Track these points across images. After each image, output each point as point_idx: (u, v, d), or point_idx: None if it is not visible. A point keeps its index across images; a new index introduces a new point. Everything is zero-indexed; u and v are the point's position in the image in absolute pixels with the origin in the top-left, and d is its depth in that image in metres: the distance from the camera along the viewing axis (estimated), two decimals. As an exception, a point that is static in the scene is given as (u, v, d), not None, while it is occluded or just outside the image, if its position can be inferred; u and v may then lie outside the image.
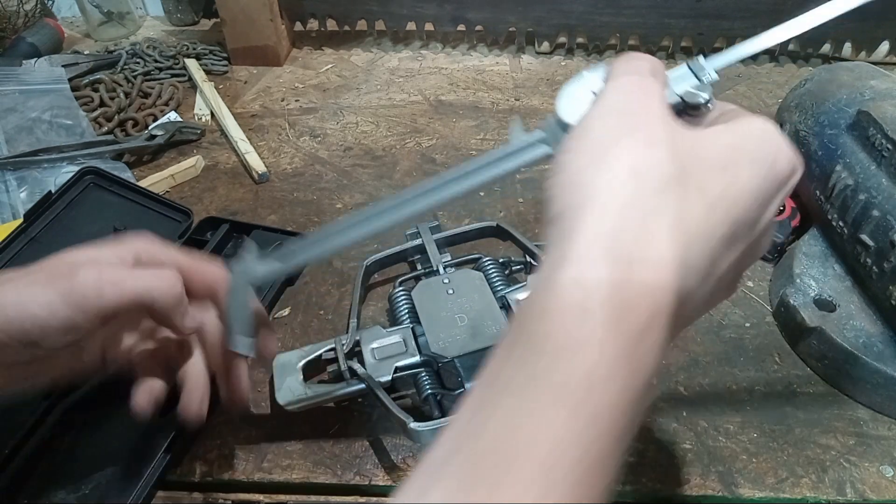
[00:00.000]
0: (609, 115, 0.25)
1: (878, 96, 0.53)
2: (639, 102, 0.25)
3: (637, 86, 0.25)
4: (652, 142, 0.23)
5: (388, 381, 0.42)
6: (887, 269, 0.45)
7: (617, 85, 0.26)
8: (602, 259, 0.21)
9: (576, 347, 0.20)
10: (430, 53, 0.94)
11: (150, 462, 0.40)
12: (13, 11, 0.89)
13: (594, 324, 0.20)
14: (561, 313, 0.21)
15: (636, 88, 0.25)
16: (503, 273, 0.50)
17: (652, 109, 0.24)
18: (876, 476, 0.41)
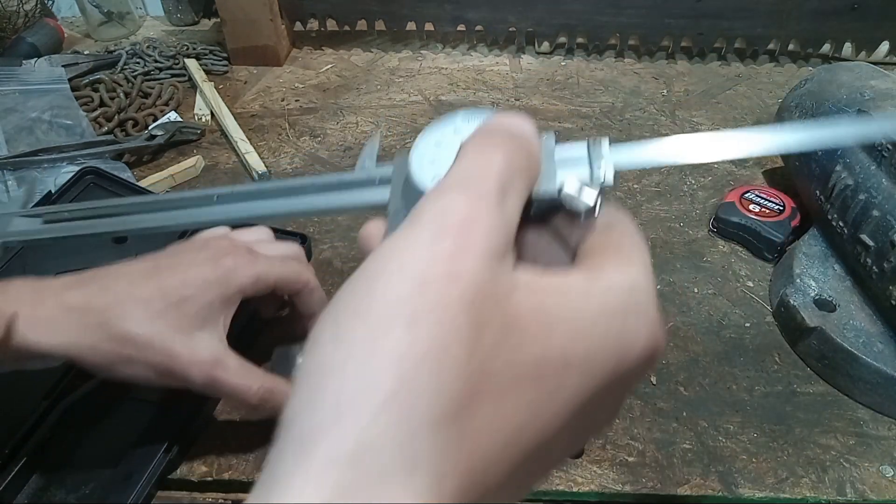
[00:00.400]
0: (398, 282, 0.16)
1: (878, 96, 0.53)
2: (451, 262, 0.17)
3: (464, 220, 0.17)
4: (443, 343, 0.16)
5: None
6: (887, 269, 0.45)
7: (442, 216, 0.18)
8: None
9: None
10: (430, 53, 0.94)
11: (150, 462, 0.40)
12: (13, 11, 0.89)
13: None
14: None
15: (463, 228, 0.17)
16: None
17: (467, 275, 0.16)
18: (876, 476, 0.41)
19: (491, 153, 0.19)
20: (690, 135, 0.22)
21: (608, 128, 0.76)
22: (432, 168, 0.20)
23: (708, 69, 0.90)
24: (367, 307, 0.16)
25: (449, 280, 0.16)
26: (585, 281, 0.19)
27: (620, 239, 0.21)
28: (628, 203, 0.64)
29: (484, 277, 0.17)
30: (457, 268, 0.16)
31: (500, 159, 0.19)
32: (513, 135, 0.20)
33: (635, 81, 0.87)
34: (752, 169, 0.69)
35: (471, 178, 0.18)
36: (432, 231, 0.17)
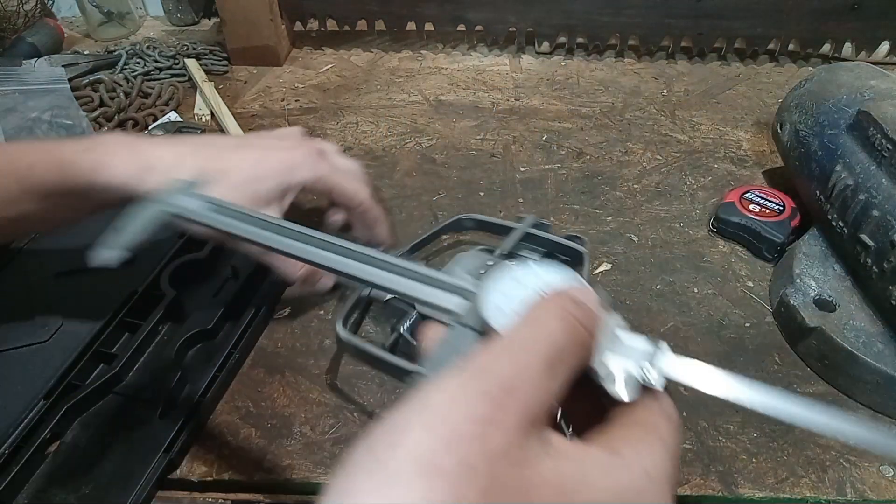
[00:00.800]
0: (426, 438, 0.18)
1: (878, 96, 0.53)
2: (483, 433, 0.18)
3: (499, 395, 0.18)
4: (461, 496, 0.17)
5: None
6: (887, 269, 0.45)
7: (482, 379, 0.19)
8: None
9: None
10: (430, 53, 0.94)
11: (150, 462, 0.40)
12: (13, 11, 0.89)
13: None
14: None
15: (499, 397, 0.18)
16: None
17: (496, 445, 0.18)
18: (876, 476, 0.41)
19: (552, 326, 0.20)
20: (750, 382, 0.21)
21: (608, 128, 0.76)
22: (502, 305, 0.22)
23: (708, 69, 0.90)
24: (399, 448, 0.18)
25: (479, 442, 0.17)
26: (606, 456, 0.20)
27: (648, 417, 0.21)
28: (628, 203, 0.64)
29: (512, 444, 0.18)
30: (488, 432, 0.18)
31: (558, 335, 0.20)
32: (577, 312, 0.21)
33: (635, 81, 0.87)
34: (752, 169, 0.69)
35: (525, 344, 0.20)
36: (476, 389, 0.18)
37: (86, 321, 0.49)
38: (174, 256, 0.54)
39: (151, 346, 0.48)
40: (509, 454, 0.18)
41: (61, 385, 0.44)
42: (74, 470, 0.40)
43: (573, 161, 0.71)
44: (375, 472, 0.17)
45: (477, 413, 0.18)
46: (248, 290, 0.53)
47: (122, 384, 0.45)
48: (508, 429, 0.18)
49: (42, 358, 0.46)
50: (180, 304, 0.51)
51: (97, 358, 0.47)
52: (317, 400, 0.46)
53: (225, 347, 0.47)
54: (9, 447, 0.40)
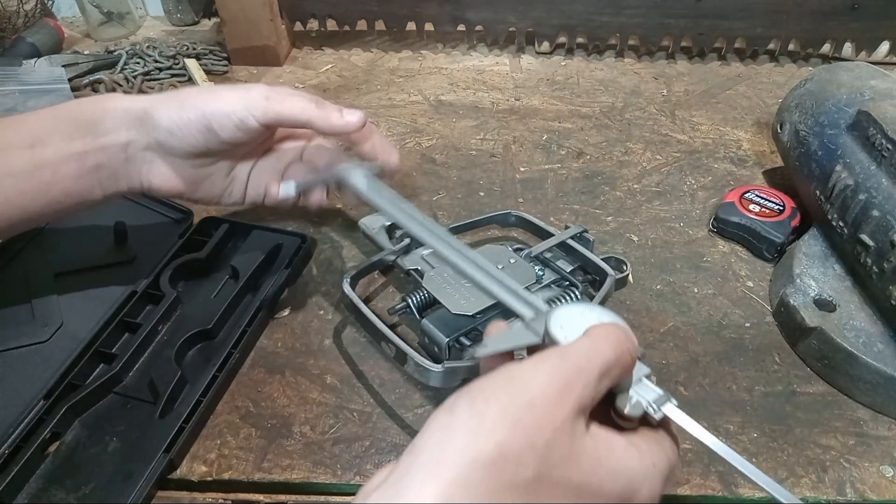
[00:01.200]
0: (517, 394, 0.25)
1: (878, 96, 0.53)
2: (548, 406, 0.25)
3: (564, 384, 0.25)
4: (530, 445, 0.24)
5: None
6: (887, 269, 0.45)
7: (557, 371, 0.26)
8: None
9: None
10: (430, 53, 0.94)
11: (150, 462, 0.40)
12: (13, 11, 0.89)
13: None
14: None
15: (565, 387, 0.25)
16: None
17: (556, 417, 0.25)
18: (876, 476, 0.41)
19: (607, 347, 0.27)
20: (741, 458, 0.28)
21: (608, 128, 0.76)
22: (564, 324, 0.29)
23: (708, 69, 0.90)
24: (494, 399, 0.25)
25: (547, 412, 0.25)
26: (626, 444, 0.27)
27: (656, 435, 0.29)
28: (628, 203, 0.64)
29: (567, 420, 0.25)
30: (554, 407, 0.25)
31: (610, 355, 0.27)
32: (626, 343, 0.28)
33: (635, 81, 0.87)
34: (752, 169, 0.69)
35: (587, 355, 0.27)
36: (549, 375, 0.26)
37: (86, 321, 0.49)
38: (174, 256, 0.54)
39: (151, 346, 0.48)
40: (565, 427, 0.25)
41: (61, 385, 0.44)
42: (74, 470, 0.40)
43: (573, 161, 0.71)
44: (474, 417, 0.24)
45: (548, 392, 0.25)
46: (248, 290, 0.53)
47: (122, 384, 0.45)
48: (567, 410, 0.25)
49: (42, 358, 0.46)
50: (180, 304, 0.51)
51: (97, 358, 0.47)
52: (317, 400, 0.46)
53: (225, 347, 0.47)
54: (9, 447, 0.40)
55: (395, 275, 0.56)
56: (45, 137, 0.42)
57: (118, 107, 0.43)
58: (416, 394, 0.46)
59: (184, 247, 0.56)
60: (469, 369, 0.41)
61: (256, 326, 0.50)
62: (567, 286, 0.50)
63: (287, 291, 0.54)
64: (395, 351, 0.42)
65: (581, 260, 0.51)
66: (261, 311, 0.50)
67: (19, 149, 0.41)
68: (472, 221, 0.57)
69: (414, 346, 0.47)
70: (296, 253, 0.56)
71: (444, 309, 0.46)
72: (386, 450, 0.43)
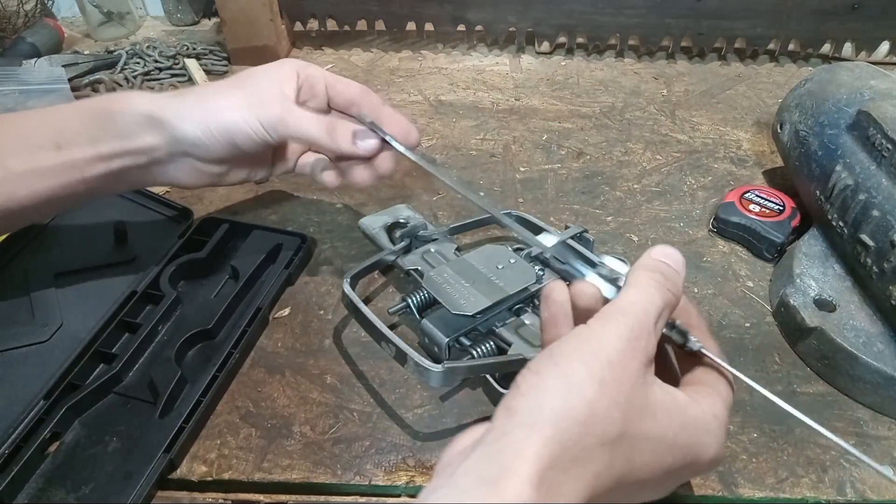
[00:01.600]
0: (596, 355, 0.27)
1: (878, 96, 0.53)
2: (624, 358, 0.27)
3: (632, 339, 0.28)
4: (614, 402, 0.26)
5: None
6: (887, 269, 0.45)
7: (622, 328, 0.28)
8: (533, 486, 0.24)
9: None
10: (430, 53, 0.94)
11: (150, 462, 0.40)
12: (13, 11, 0.89)
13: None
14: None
15: (633, 340, 0.28)
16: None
17: (631, 369, 0.27)
18: (876, 476, 0.41)
19: (654, 293, 0.30)
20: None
21: (608, 128, 0.76)
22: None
23: (708, 69, 0.90)
24: (577, 361, 0.27)
25: (622, 368, 0.27)
26: (690, 400, 0.30)
27: (716, 380, 0.32)
28: (628, 203, 0.64)
29: (639, 372, 0.28)
30: (627, 362, 0.27)
31: (659, 300, 0.30)
32: (667, 283, 0.30)
33: (635, 81, 0.87)
34: (752, 169, 0.69)
35: (643, 309, 0.29)
36: (618, 334, 0.28)
37: (86, 321, 0.49)
38: (174, 256, 0.54)
39: (151, 346, 0.48)
40: (638, 379, 0.27)
41: (61, 385, 0.44)
42: (74, 470, 0.40)
43: (573, 161, 0.71)
44: (561, 378, 0.27)
45: (620, 349, 0.27)
46: (247, 290, 0.53)
47: (122, 384, 0.45)
48: (638, 363, 0.27)
49: (42, 358, 0.46)
50: (180, 304, 0.51)
51: (97, 358, 0.47)
52: (317, 400, 0.46)
53: (225, 347, 0.47)
54: (9, 447, 0.40)
55: (395, 275, 0.56)
56: (72, 138, 0.43)
57: (141, 111, 0.44)
58: (416, 394, 0.46)
59: (184, 247, 0.56)
60: (469, 369, 0.41)
61: (256, 326, 0.50)
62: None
63: (287, 291, 0.55)
64: (395, 351, 0.42)
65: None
66: (261, 311, 0.50)
67: (46, 149, 0.43)
68: (472, 221, 0.57)
69: (414, 346, 0.47)
70: (296, 253, 0.56)
71: (444, 309, 0.46)
72: (386, 450, 0.43)
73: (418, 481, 0.41)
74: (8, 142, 0.43)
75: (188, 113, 0.44)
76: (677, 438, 0.28)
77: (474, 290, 0.47)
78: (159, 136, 0.44)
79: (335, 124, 0.46)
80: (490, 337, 0.45)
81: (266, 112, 0.44)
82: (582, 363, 0.27)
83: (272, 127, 0.44)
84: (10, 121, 0.44)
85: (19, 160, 0.42)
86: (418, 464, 0.42)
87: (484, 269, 0.48)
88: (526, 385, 0.27)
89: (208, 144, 0.44)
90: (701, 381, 0.32)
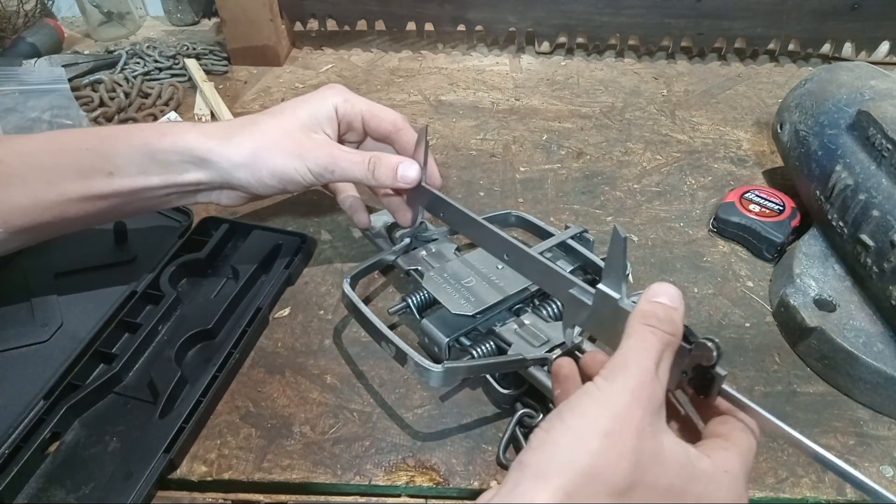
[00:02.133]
0: (601, 409, 0.28)
1: (878, 96, 0.53)
2: (630, 409, 0.28)
3: (635, 390, 0.28)
4: (622, 453, 0.27)
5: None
6: (887, 269, 0.45)
7: (625, 379, 0.29)
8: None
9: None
10: (430, 53, 0.94)
11: (150, 462, 0.40)
12: (13, 11, 0.89)
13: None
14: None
15: (636, 390, 0.28)
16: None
17: (637, 419, 0.28)
18: (876, 476, 0.41)
19: (649, 337, 0.30)
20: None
21: (608, 128, 0.76)
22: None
23: (708, 69, 0.90)
24: (583, 416, 0.28)
25: (628, 420, 0.27)
26: (701, 454, 0.30)
27: (731, 432, 0.31)
28: (628, 203, 0.64)
29: (647, 422, 0.28)
30: (633, 413, 0.28)
31: (656, 342, 0.30)
32: (661, 325, 0.30)
33: (635, 81, 0.87)
34: (752, 169, 0.69)
35: (641, 357, 0.29)
36: (621, 387, 0.28)
37: (86, 321, 0.49)
38: (174, 256, 0.54)
39: (151, 346, 0.48)
40: (646, 429, 0.28)
41: (61, 385, 0.44)
42: (74, 470, 0.40)
43: (573, 161, 0.71)
44: (568, 433, 0.27)
45: (624, 401, 0.28)
46: (247, 290, 0.53)
47: (122, 384, 0.45)
48: (644, 412, 0.28)
49: (42, 358, 0.47)
50: (180, 304, 0.51)
51: (97, 358, 0.47)
52: (317, 400, 0.46)
53: (225, 347, 0.47)
54: (9, 447, 0.40)
55: (395, 275, 0.56)
56: (123, 167, 0.45)
57: (193, 151, 0.46)
58: (416, 394, 0.46)
59: (184, 247, 0.56)
60: (469, 369, 0.41)
61: (256, 326, 0.50)
62: None
63: (287, 291, 0.55)
64: (395, 351, 0.42)
65: (581, 260, 0.51)
66: (261, 311, 0.50)
67: (99, 176, 0.45)
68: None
69: (414, 346, 0.47)
70: (296, 253, 0.56)
71: (444, 309, 0.46)
72: (386, 450, 0.43)
73: (418, 481, 0.41)
74: (65, 168, 0.44)
75: (240, 159, 0.46)
76: (686, 489, 0.28)
77: (474, 290, 0.47)
78: (209, 174, 0.47)
79: (376, 162, 0.48)
80: (490, 337, 0.45)
81: (315, 160, 0.47)
82: (587, 417, 0.28)
83: (320, 174, 0.47)
84: (64, 142, 0.46)
85: (74, 186, 0.44)
86: (418, 464, 0.42)
87: (484, 269, 0.48)
88: (537, 441, 0.28)
89: (257, 186, 0.47)
90: (718, 433, 0.32)
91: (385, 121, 0.52)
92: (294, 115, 0.49)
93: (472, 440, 0.43)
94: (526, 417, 0.43)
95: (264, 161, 0.46)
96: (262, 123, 0.48)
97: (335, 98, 0.50)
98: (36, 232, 0.45)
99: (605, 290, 0.35)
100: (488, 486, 0.41)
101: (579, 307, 0.38)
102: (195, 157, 0.46)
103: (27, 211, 0.44)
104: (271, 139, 0.47)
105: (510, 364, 0.42)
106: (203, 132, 0.47)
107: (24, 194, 0.43)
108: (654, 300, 0.32)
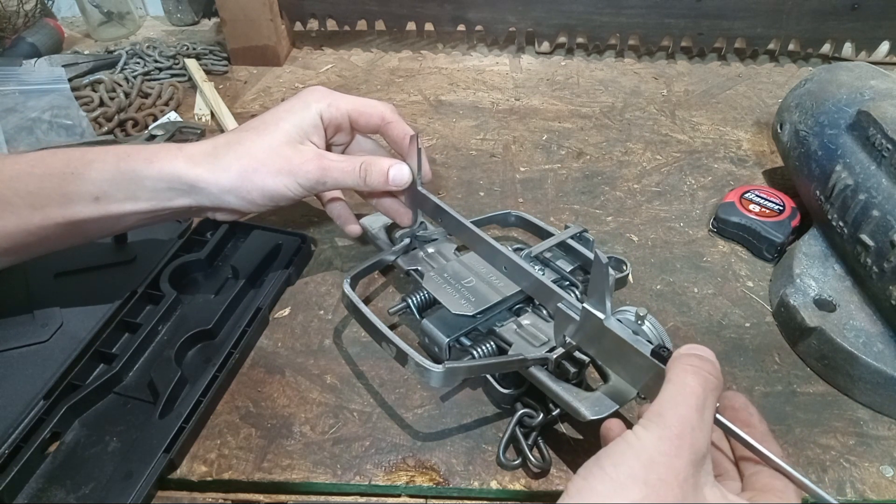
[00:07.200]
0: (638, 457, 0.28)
1: (878, 96, 0.53)
2: (668, 462, 0.27)
3: (674, 438, 0.28)
4: (662, 499, 0.27)
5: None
6: (887, 269, 0.45)
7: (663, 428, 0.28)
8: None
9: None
10: (430, 53, 0.94)
11: (150, 462, 0.40)
12: (13, 11, 0.89)
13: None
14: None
15: (676, 438, 0.28)
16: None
17: (678, 471, 0.27)
18: (876, 476, 0.41)
19: (692, 382, 0.30)
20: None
21: (608, 128, 0.76)
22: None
23: (708, 69, 0.90)
24: (621, 464, 0.28)
25: (669, 468, 0.27)
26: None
27: (778, 487, 0.30)
28: (628, 203, 0.64)
29: (689, 471, 0.27)
30: (674, 462, 0.27)
31: (697, 388, 0.29)
32: (704, 366, 0.30)
33: (635, 81, 0.87)
34: (752, 169, 0.69)
35: (679, 401, 0.29)
36: (659, 435, 0.28)
37: (86, 321, 0.49)
38: (174, 256, 0.54)
39: (151, 346, 0.48)
40: (688, 478, 0.27)
41: (61, 385, 0.44)
42: (74, 470, 0.40)
43: (573, 161, 0.71)
44: (606, 481, 0.27)
45: (663, 449, 0.28)
46: (248, 290, 0.53)
47: (122, 384, 0.45)
48: (685, 461, 0.27)
49: (42, 358, 0.46)
50: (180, 304, 0.51)
51: (97, 358, 0.47)
52: (317, 400, 0.46)
53: (225, 347, 0.47)
54: (9, 447, 0.40)
55: (395, 275, 0.56)
56: (110, 192, 0.44)
57: (180, 178, 0.45)
58: (416, 394, 0.46)
59: (184, 247, 0.56)
60: (469, 369, 0.41)
61: (256, 326, 0.50)
62: (567, 286, 0.50)
63: (287, 291, 0.55)
64: (396, 351, 0.42)
65: (581, 260, 0.51)
66: (261, 311, 0.50)
67: (85, 201, 0.44)
68: (472, 221, 0.57)
69: (414, 346, 0.47)
70: (296, 253, 0.56)
71: (444, 309, 0.46)
72: (386, 450, 0.43)
73: (418, 481, 0.41)
74: (50, 192, 0.43)
75: (228, 184, 0.45)
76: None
77: (474, 290, 0.47)
78: (198, 199, 0.46)
79: (367, 168, 0.48)
80: (490, 337, 0.45)
81: (305, 175, 0.46)
82: (625, 465, 0.27)
83: (312, 188, 0.47)
84: (50, 166, 0.44)
85: (60, 210, 0.43)
86: (418, 464, 0.42)
87: (484, 270, 0.48)
88: (574, 489, 0.28)
89: (249, 206, 0.47)
90: (762, 486, 0.31)
91: (373, 116, 0.51)
92: (279, 128, 0.47)
93: (472, 440, 0.43)
94: (526, 417, 0.43)
95: (253, 183, 0.45)
96: (247, 142, 0.46)
97: (318, 104, 0.49)
98: (21, 253, 0.45)
99: (589, 309, 0.36)
100: (488, 486, 0.41)
101: (567, 320, 0.39)
102: (184, 184, 0.45)
103: (11, 235, 0.43)
104: (258, 160, 0.46)
105: (511, 364, 0.42)
106: (190, 158, 0.45)
107: (9, 219, 0.43)
108: (691, 352, 0.31)
